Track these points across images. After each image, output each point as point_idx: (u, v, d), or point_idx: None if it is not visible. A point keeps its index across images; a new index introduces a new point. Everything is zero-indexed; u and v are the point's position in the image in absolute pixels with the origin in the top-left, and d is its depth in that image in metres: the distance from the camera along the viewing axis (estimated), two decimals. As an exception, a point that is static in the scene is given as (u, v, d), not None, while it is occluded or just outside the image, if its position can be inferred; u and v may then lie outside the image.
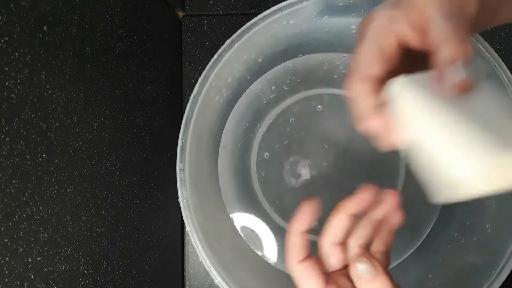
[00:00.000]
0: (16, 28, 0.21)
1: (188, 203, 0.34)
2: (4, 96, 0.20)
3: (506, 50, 0.47)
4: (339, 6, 0.34)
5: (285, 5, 0.34)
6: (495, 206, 0.36)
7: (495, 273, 0.32)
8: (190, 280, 0.48)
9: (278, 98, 0.46)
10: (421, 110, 0.21)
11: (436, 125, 0.20)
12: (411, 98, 0.21)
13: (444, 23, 0.21)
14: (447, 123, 0.20)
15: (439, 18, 0.21)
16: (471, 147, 0.19)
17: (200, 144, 0.38)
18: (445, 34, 0.21)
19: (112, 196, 0.32)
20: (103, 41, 0.31)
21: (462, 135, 0.20)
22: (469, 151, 0.19)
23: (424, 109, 0.21)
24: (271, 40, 0.38)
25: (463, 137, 0.19)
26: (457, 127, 0.20)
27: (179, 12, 0.50)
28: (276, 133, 0.46)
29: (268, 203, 0.45)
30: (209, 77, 0.35)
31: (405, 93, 0.22)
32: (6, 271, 0.20)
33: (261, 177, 0.46)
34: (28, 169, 0.22)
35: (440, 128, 0.20)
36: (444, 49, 0.21)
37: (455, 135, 0.20)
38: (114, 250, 0.32)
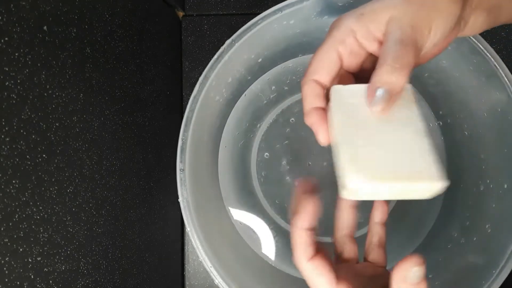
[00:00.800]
0: (16, 28, 0.21)
1: (188, 203, 0.34)
2: (4, 96, 0.20)
3: (506, 50, 0.47)
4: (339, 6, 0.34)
5: (285, 5, 0.34)
6: (495, 206, 0.36)
7: (495, 273, 0.32)
8: (190, 280, 0.48)
9: (278, 98, 0.46)
10: (337, 117, 0.24)
11: (341, 133, 0.23)
12: (336, 104, 0.24)
13: (395, 44, 0.23)
14: (348, 135, 0.23)
15: (393, 37, 0.23)
16: (342, 166, 0.23)
17: (200, 144, 0.38)
18: (390, 56, 0.23)
19: (112, 196, 0.32)
20: (103, 41, 0.31)
21: (351, 150, 0.23)
22: (345, 169, 0.22)
23: (339, 117, 0.24)
24: (271, 40, 0.38)
25: (350, 153, 0.23)
26: (354, 141, 0.23)
27: (179, 12, 0.50)
28: (276, 133, 0.46)
29: (268, 203, 0.45)
30: (209, 77, 0.35)
31: (333, 99, 0.25)
32: (6, 271, 0.20)
33: (261, 177, 0.46)
34: (28, 169, 0.22)
35: (342, 137, 0.23)
36: (380, 70, 0.23)
37: (346, 148, 0.23)
38: (114, 250, 0.32)
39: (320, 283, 0.24)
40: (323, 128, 0.25)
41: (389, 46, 0.23)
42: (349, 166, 0.22)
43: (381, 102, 0.23)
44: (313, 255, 0.24)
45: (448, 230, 0.41)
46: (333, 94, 0.25)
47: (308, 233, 0.25)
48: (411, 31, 0.23)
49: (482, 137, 0.38)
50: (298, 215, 0.24)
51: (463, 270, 0.37)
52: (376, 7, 0.24)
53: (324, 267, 0.24)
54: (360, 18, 0.24)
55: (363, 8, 0.25)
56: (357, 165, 0.22)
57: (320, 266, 0.24)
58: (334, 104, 0.25)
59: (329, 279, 0.24)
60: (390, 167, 0.22)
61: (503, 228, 0.34)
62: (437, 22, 0.24)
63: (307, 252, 0.24)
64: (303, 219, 0.24)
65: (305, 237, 0.24)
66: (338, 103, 0.24)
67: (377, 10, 0.24)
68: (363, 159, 0.22)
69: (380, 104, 0.23)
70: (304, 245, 0.24)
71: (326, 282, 0.24)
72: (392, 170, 0.22)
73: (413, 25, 0.23)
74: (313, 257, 0.24)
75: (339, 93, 0.25)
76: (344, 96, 0.25)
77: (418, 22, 0.23)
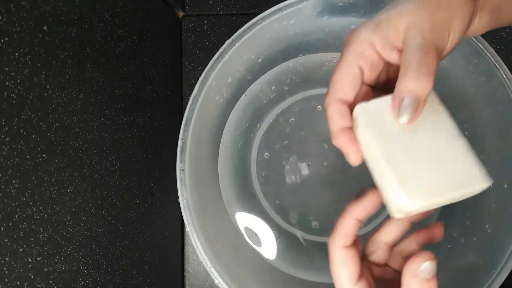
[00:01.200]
0: (16, 28, 0.21)
1: (188, 203, 0.34)
2: (4, 96, 0.20)
3: (506, 50, 0.47)
4: (339, 6, 0.34)
5: (285, 5, 0.34)
6: (495, 206, 0.36)
7: (495, 273, 0.32)
8: (190, 280, 0.48)
9: (278, 98, 0.46)
10: (370, 135, 0.23)
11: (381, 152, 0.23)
12: (365, 123, 0.24)
13: (417, 50, 0.22)
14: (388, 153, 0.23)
15: (414, 44, 0.22)
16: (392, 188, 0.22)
17: (200, 144, 0.38)
18: (414, 63, 0.22)
19: (112, 196, 0.32)
20: (103, 41, 0.31)
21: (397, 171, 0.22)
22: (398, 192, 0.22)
23: (372, 135, 0.23)
24: (271, 40, 0.38)
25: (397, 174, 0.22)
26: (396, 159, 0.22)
27: (179, 12, 0.50)
28: (276, 133, 0.46)
29: (268, 203, 0.45)
30: (209, 77, 0.35)
31: (361, 117, 0.24)
32: (6, 271, 0.20)
33: (261, 177, 0.46)
34: (28, 169, 0.22)
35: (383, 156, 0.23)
36: (405, 79, 0.22)
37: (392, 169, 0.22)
38: (114, 250, 0.32)
39: (344, 273, 0.25)
40: (354, 149, 0.25)
41: (411, 53, 0.22)
42: (401, 189, 0.22)
43: (408, 112, 0.22)
44: (351, 244, 0.25)
45: (448, 230, 0.41)
46: (359, 113, 0.24)
47: (357, 223, 0.25)
48: (431, 35, 0.22)
49: (482, 137, 0.38)
50: (357, 205, 0.25)
51: (463, 270, 0.37)
52: (391, 15, 0.23)
53: (354, 260, 0.25)
54: (377, 28, 0.24)
55: (378, 18, 0.24)
56: (408, 186, 0.22)
57: (350, 257, 0.25)
58: (362, 122, 0.24)
59: (354, 273, 0.25)
60: (438, 180, 0.22)
61: (503, 228, 0.34)
62: (455, 24, 0.23)
63: (348, 239, 0.25)
64: (361, 210, 0.25)
65: (353, 226, 0.25)
66: (366, 121, 0.24)
67: (393, 18, 0.23)
68: (412, 178, 0.22)
69: (408, 114, 0.22)
70: (348, 232, 0.25)
71: (350, 274, 0.25)
72: (440, 183, 0.22)
73: (432, 29, 0.23)
74: (350, 247, 0.25)
75: (365, 111, 0.24)
76: (371, 112, 0.24)
77: (436, 25, 0.23)
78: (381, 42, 0.24)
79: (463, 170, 0.23)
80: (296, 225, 0.45)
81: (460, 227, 0.40)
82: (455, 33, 0.23)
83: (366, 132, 0.24)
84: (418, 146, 0.23)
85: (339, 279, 0.25)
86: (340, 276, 0.25)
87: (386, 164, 0.22)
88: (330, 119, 0.25)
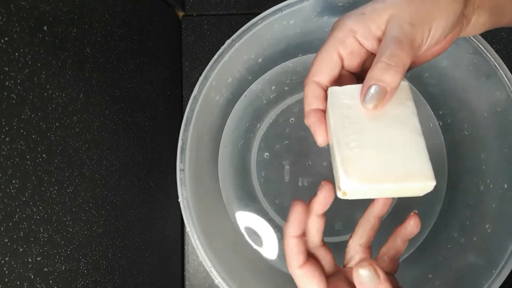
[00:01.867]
0: (16, 28, 0.21)
1: (188, 203, 0.34)
2: (4, 96, 0.20)
3: (506, 50, 0.47)
4: (339, 6, 0.34)
5: (285, 5, 0.34)
6: (495, 206, 0.36)
7: (495, 273, 0.32)
8: (190, 280, 0.48)
9: (278, 98, 0.46)
10: (333, 118, 0.24)
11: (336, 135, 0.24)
12: (332, 106, 0.25)
13: (391, 42, 0.23)
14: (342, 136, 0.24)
15: (391, 35, 0.23)
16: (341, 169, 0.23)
17: (200, 144, 0.38)
18: (386, 54, 0.23)
19: (112, 196, 0.32)
20: (103, 41, 0.31)
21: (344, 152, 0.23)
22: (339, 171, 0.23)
23: (334, 118, 0.24)
24: (271, 40, 0.38)
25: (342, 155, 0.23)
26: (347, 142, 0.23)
27: (179, 12, 0.50)
28: (276, 133, 0.46)
29: (268, 203, 0.45)
30: (209, 77, 0.35)
31: (330, 100, 0.25)
32: (6, 271, 0.20)
33: (261, 177, 0.46)
34: (28, 169, 0.22)
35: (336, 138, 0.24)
36: (374, 68, 0.23)
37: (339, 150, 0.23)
38: (114, 250, 0.32)
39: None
40: (321, 129, 0.26)
41: (386, 44, 0.23)
42: (341, 168, 0.23)
43: (374, 99, 0.23)
44: (303, 262, 0.25)
45: (448, 230, 0.41)
46: (329, 96, 0.25)
47: (298, 240, 0.25)
48: (410, 29, 0.23)
49: (482, 137, 0.38)
50: (288, 224, 0.25)
51: (463, 270, 0.37)
52: (377, 7, 0.24)
53: (313, 274, 0.25)
54: (361, 18, 0.24)
55: (364, 8, 0.25)
56: (349, 167, 0.23)
57: (309, 273, 0.25)
58: (330, 105, 0.25)
59: (319, 285, 0.25)
60: (382, 168, 0.23)
61: (503, 228, 0.34)
62: (438, 21, 0.23)
63: (298, 259, 0.25)
64: (292, 227, 0.25)
65: (295, 244, 0.25)
66: (334, 104, 0.25)
67: (378, 9, 0.24)
68: (356, 160, 0.23)
69: (373, 101, 0.23)
70: (294, 252, 0.25)
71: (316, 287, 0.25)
72: (384, 170, 0.23)
73: (413, 23, 0.23)
74: (303, 264, 0.25)
75: (335, 95, 0.25)
76: (339, 97, 0.25)
77: (418, 20, 0.23)
78: (363, 32, 0.24)
79: (410, 165, 0.23)
80: (296, 225, 0.45)
81: (460, 227, 0.40)
82: (437, 29, 0.23)
83: (330, 114, 0.25)
84: (374, 134, 0.23)
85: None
86: None
87: (335, 143, 0.24)
88: (305, 99, 0.26)
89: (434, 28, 0.23)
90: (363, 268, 0.23)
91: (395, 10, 0.23)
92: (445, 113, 0.43)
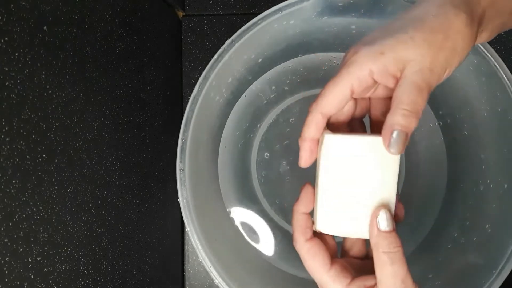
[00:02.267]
0: (16, 28, 0.21)
1: (188, 203, 0.34)
2: (4, 96, 0.20)
3: (506, 50, 0.47)
4: (339, 6, 0.34)
5: (285, 5, 0.34)
6: (495, 206, 0.36)
7: (495, 273, 0.32)
8: (190, 280, 0.48)
9: (278, 98, 0.46)
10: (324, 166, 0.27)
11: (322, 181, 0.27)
12: (325, 153, 0.26)
13: (412, 88, 0.24)
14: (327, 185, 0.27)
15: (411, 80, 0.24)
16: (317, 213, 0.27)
17: (200, 144, 0.38)
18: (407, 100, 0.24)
19: (112, 196, 0.32)
20: (103, 41, 0.31)
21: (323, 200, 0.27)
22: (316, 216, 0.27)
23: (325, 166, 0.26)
24: (271, 40, 0.38)
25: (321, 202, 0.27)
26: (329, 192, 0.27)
27: (179, 12, 0.50)
28: (276, 133, 0.46)
29: (268, 203, 0.45)
30: (209, 77, 0.35)
31: (325, 147, 0.26)
32: (6, 271, 0.20)
33: (261, 177, 0.46)
34: (28, 169, 0.22)
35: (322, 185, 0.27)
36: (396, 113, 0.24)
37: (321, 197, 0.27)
38: (114, 250, 0.32)
39: (315, 263, 0.27)
40: (307, 157, 0.27)
41: (406, 89, 0.24)
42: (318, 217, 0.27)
43: (397, 144, 0.24)
44: (311, 236, 0.27)
45: (448, 230, 0.41)
46: (325, 143, 0.26)
47: (307, 216, 0.28)
48: (429, 75, 0.24)
49: (482, 137, 0.38)
50: (299, 201, 0.28)
51: (463, 270, 0.37)
52: (396, 47, 0.24)
53: (320, 247, 0.27)
54: (379, 58, 0.24)
55: (382, 46, 0.24)
56: (322, 216, 0.27)
57: (316, 247, 0.27)
58: (323, 154, 0.26)
59: (324, 260, 0.26)
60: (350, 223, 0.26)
61: (503, 228, 0.34)
62: (454, 65, 0.24)
63: (305, 233, 0.27)
64: (303, 204, 0.28)
65: (304, 220, 0.28)
66: (325, 152, 0.26)
67: (398, 50, 0.24)
68: (331, 213, 0.27)
69: (396, 146, 0.24)
70: (303, 228, 0.27)
71: (321, 263, 0.26)
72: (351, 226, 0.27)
73: (432, 69, 0.24)
74: (311, 239, 0.27)
75: (330, 143, 0.26)
76: (334, 146, 0.26)
77: (437, 66, 0.24)
78: (380, 72, 0.24)
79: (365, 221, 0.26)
80: (296, 225, 0.45)
81: (460, 227, 0.40)
82: (450, 70, 0.25)
83: (322, 160, 0.27)
84: (354, 188, 0.26)
85: (313, 270, 0.27)
86: (313, 267, 0.27)
87: (320, 190, 0.27)
88: (307, 125, 0.27)
89: (449, 69, 0.25)
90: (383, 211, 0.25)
91: (414, 54, 0.24)
92: (445, 113, 0.43)
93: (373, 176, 0.26)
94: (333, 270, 0.26)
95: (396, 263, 0.24)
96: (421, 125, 0.45)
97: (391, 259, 0.24)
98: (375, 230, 0.25)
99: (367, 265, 0.28)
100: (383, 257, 0.24)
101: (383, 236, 0.25)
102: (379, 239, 0.25)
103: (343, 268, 0.26)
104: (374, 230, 0.25)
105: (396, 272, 0.24)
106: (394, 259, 0.24)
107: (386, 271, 0.24)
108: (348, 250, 0.29)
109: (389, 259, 0.24)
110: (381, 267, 0.24)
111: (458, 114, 0.41)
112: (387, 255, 0.24)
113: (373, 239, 0.25)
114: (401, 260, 0.24)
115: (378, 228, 0.25)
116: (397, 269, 0.24)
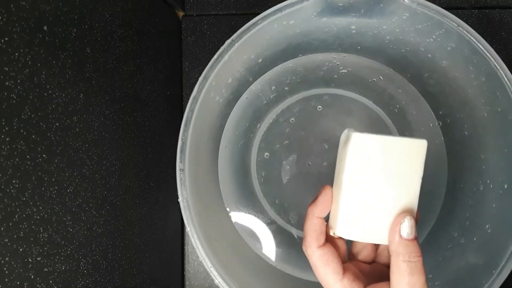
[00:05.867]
0: (16, 28, 0.21)
1: (188, 203, 0.34)
2: (4, 96, 0.20)
3: (506, 50, 0.47)
4: (339, 6, 0.34)
5: (285, 5, 0.34)
6: (495, 206, 0.36)
7: (495, 273, 0.32)
8: (190, 280, 0.48)
9: (278, 98, 0.46)
10: (350, 165, 0.26)
11: (347, 182, 0.26)
12: (353, 151, 0.26)
13: None
14: (352, 187, 0.25)
15: None
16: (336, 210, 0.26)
17: (200, 144, 0.38)
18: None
19: (112, 196, 0.32)
20: (103, 41, 0.31)
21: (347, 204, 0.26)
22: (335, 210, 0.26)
23: (352, 165, 0.25)
24: (271, 40, 0.38)
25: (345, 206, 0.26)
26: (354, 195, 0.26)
27: (179, 12, 0.50)
28: (276, 133, 0.46)
29: (268, 203, 0.45)
30: (209, 77, 0.35)
31: (352, 144, 0.26)
32: (6, 271, 0.20)
33: (261, 177, 0.46)
34: (28, 169, 0.22)
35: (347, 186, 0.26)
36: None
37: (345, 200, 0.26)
38: (114, 250, 0.32)
39: (327, 271, 0.25)
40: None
41: None
42: (340, 220, 0.26)
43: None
44: (324, 242, 0.26)
45: (448, 230, 0.41)
46: (352, 141, 0.26)
47: (322, 221, 0.26)
48: None
49: (482, 137, 0.38)
50: (316, 204, 0.27)
51: (463, 270, 0.37)
52: None
53: (333, 254, 0.26)
54: None
55: None
56: (344, 220, 0.26)
57: (328, 254, 0.25)
58: (351, 151, 0.25)
59: (337, 268, 0.25)
60: (370, 229, 0.26)
61: (503, 228, 0.34)
62: None
63: (319, 239, 0.26)
64: (320, 208, 0.26)
65: (319, 225, 0.26)
66: (354, 150, 0.25)
67: None
68: (352, 217, 0.26)
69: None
70: (317, 232, 0.26)
71: (333, 271, 0.25)
72: (371, 231, 0.26)
73: None
74: (324, 245, 0.26)
75: (358, 141, 0.25)
76: (361, 145, 0.25)
77: None
78: None
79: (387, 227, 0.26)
80: (297, 225, 0.45)
81: (460, 227, 0.40)
82: None
83: (346, 158, 0.26)
84: (376, 192, 0.25)
85: (325, 277, 0.25)
86: (325, 275, 0.25)
87: (344, 191, 0.26)
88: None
89: None
90: (407, 217, 0.25)
91: None
92: (445, 113, 0.43)
93: (398, 180, 0.25)
94: (345, 280, 0.25)
95: (416, 274, 0.23)
96: (421, 125, 0.45)
97: (410, 269, 0.23)
98: (396, 237, 0.24)
99: (375, 270, 0.27)
100: (402, 265, 0.23)
101: (405, 244, 0.24)
102: (400, 247, 0.24)
103: (355, 277, 0.25)
104: (396, 236, 0.24)
105: (414, 284, 0.23)
106: (413, 269, 0.23)
107: (403, 281, 0.23)
108: (356, 253, 0.28)
109: (408, 268, 0.23)
110: (398, 275, 0.23)
111: (458, 114, 0.41)
112: (406, 264, 0.23)
113: (394, 246, 0.24)
114: (420, 271, 0.23)
115: (400, 235, 0.24)
116: (416, 280, 0.23)
